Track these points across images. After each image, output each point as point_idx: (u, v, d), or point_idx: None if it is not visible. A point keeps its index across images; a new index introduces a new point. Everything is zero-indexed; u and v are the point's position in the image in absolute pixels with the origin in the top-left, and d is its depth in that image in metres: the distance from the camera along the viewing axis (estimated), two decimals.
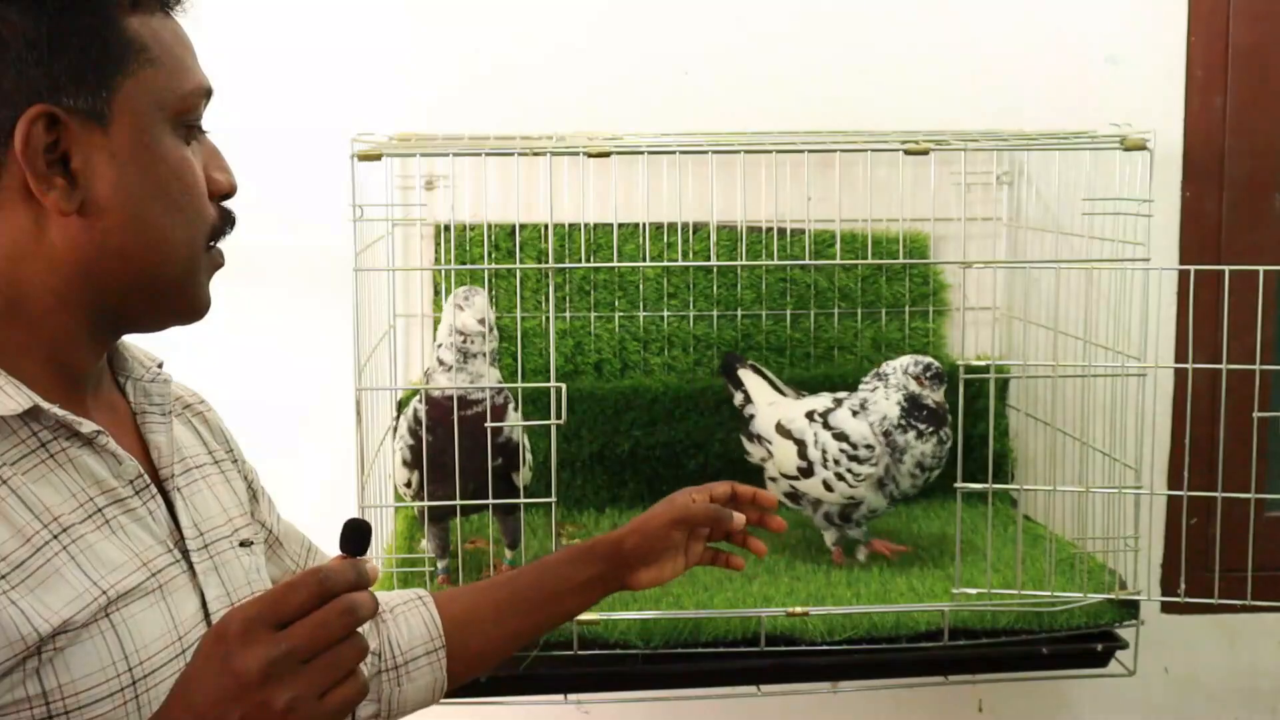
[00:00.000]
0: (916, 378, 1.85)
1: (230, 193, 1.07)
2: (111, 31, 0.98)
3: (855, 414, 1.87)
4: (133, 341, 1.15)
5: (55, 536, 0.94)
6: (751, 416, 1.98)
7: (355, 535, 0.91)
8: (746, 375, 2.02)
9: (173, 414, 1.14)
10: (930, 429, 1.85)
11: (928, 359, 1.86)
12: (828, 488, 1.87)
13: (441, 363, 1.76)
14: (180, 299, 1.05)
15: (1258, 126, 2.25)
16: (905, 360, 1.87)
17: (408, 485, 1.82)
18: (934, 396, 1.85)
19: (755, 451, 1.98)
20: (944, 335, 2.24)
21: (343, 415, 1.82)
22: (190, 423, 1.20)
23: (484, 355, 1.76)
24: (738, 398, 2.02)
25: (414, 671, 1.35)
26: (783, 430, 1.92)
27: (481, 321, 1.74)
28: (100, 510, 0.99)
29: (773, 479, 1.95)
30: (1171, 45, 2.24)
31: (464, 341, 1.74)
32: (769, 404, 1.98)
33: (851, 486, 1.85)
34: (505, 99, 2.17)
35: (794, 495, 1.93)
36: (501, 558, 1.85)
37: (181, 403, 1.21)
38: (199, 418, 1.22)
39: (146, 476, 1.05)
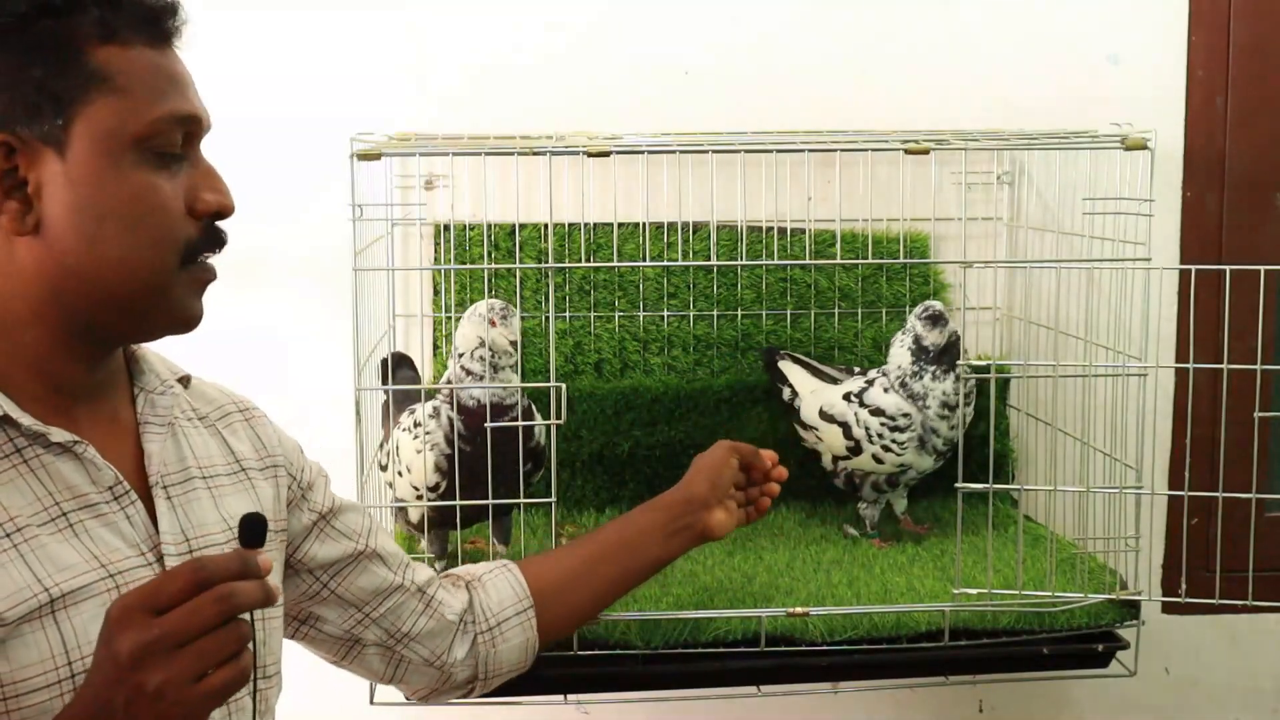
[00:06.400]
0: (921, 320, 1.92)
1: (219, 213, 1.10)
2: (74, 64, 1.03)
3: (886, 390, 1.94)
4: (155, 354, 1.21)
5: (7, 535, 0.99)
6: (798, 408, 2.05)
7: (251, 529, 0.94)
8: (786, 366, 2.09)
9: (175, 424, 1.18)
10: (941, 368, 1.90)
11: (929, 303, 1.91)
12: (878, 460, 1.95)
13: (469, 373, 1.75)
14: (154, 315, 1.09)
15: (1259, 126, 2.25)
16: (916, 309, 1.94)
17: (433, 489, 1.78)
18: (932, 337, 1.89)
19: (808, 438, 2.05)
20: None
21: (342, 415, 1.82)
22: (220, 433, 1.24)
23: (510, 368, 1.76)
24: (785, 392, 2.08)
25: (507, 632, 1.46)
26: (826, 416, 2.00)
27: (513, 343, 1.74)
28: (65, 514, 1.04)
29: (828, 466, 2.04)
30: (1173, 44, 2.24)
31: (493, 356, 1.74)
32: (811, 392, 2.04)
33: (899, 455, 1.93)
34: (505, 99, 2.17)
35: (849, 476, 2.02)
36: (495, 556, 1.84)
37: (220, 411, 1.26)
38: (243, 423, 1.27)
39: (126, 484, 1.09)
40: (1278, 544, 2.11)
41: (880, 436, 1.93)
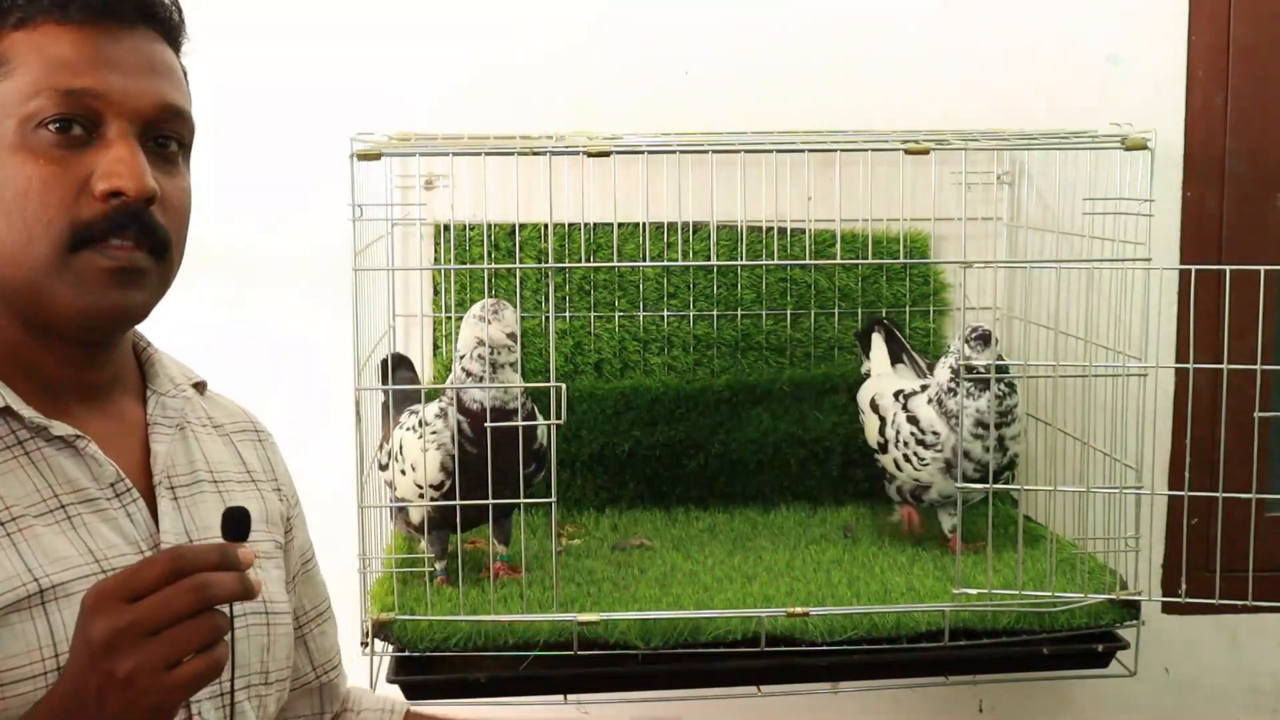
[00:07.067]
0: (966, 342, 1.88)
1: (120, 194, 1.01)
2: None
3: (929, 401, 1.92)
4: (169, 358, 1.20)
5: (1, 524, 0.99)
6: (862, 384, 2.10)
7: (234, 522, 0.95)
8: (876, 339, 2.11)
9: (187, 428, 1.17)
10: (976, 385, 1.86)
11: (977, 324, 1.89)
12: (898, 466, 1.95)
13: (469, 374, 1.75)
14: (33, 305, 1.03)
15: (1259, 126, 2.25)
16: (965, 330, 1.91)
17: (438, 488, 1.77)
18: (978, 358, 1.86)
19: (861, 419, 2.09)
20: (944, 335, 2.24)
21: (342, 415, 1.81)
22: (234, 443, 1.24)
23: (510, 366, 1.75)
24: (864, 365, 2.13)
25: None
26: (873, 405, 2.02)
27: (510, 335, 1.73)
28: (63, 507, 1.03)
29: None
30: (1172, 44, 2.24)
31: (492, 354, 1.74)
32: (877, 375, 2.08)
33: (916, 470, 1.92)
34: (505, 99, 2.17)
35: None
36: (495, 557, 1.84)
37: (236, 425, 1.26)
38: (256, 443, 1.27)
39: (128, 481, 1.08)
40: (1278, 544, 2.11)
41: (906, 444, 1.92)
